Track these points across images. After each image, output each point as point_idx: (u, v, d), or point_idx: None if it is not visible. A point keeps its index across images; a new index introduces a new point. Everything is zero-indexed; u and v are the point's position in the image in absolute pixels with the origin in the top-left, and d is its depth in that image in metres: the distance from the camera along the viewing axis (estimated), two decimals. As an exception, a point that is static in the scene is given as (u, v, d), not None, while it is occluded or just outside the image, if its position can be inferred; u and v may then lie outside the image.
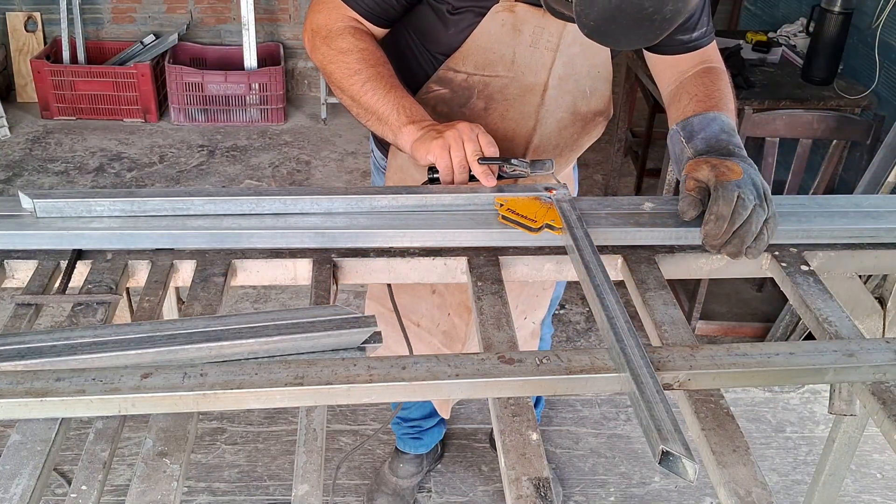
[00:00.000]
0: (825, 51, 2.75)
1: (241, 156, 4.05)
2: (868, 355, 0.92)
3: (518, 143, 1.45)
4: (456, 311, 1.60)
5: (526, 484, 0.79)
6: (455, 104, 1.42)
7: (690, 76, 1.40)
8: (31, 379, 0.82)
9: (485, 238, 1.15)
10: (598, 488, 2.30)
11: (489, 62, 1.37)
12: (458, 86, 1.40)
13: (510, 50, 1.35)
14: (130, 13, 4.50)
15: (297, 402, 0.85)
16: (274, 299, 2.98)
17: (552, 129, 1.45)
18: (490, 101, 1.40)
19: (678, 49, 1.41)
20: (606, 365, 0.88)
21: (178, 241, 1.13)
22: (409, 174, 1.45)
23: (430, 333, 1.67)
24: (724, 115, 1.26)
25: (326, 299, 1.06)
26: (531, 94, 1.40)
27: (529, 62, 1.37)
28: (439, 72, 1.40)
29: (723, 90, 1.34)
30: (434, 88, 1.42)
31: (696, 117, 1.25)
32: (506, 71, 1.37)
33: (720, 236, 1.09)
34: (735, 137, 1.22)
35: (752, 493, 0.80)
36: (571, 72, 1.40)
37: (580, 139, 1.52)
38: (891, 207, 1.25)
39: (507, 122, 1.42)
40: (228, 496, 2.22)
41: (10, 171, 3.83)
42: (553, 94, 1.40)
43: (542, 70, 1.37)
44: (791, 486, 2.34)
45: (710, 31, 1.43)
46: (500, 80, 1.38)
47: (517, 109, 1.41)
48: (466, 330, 1.61)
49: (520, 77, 1.38)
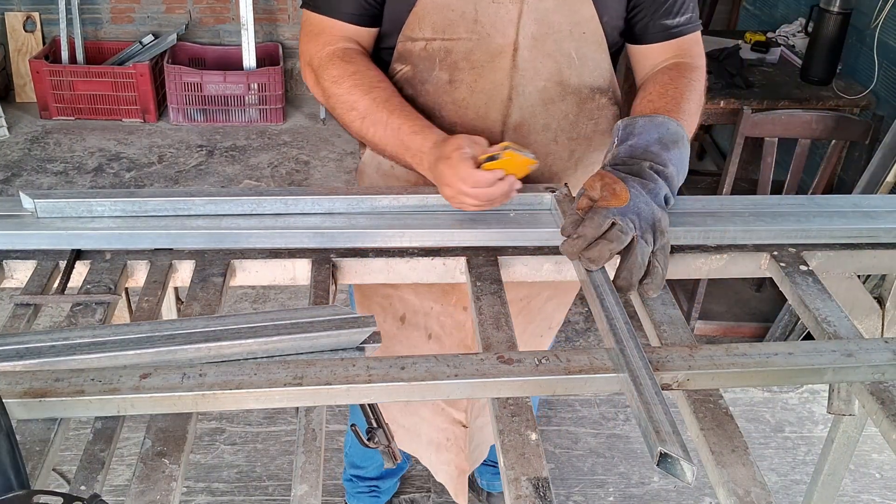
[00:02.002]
0: (824, 51, 2.75)
1: (239, 156, 4.05)
2: (867, 355, 0.92)
3: (493, 119, 1.29)
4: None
5: (525, 484, 0.79)
6: (417, 82, 1.28)
7: (657, 71, 1.30)
8: (29, 379, 0.82)
9: (484, 238, 1.15)
10: (597, 488, 2.30)
11: (449, 22, 1.22)
12: (417, 57, 1.26)
13: (471, 6, 1.21)
14: (129, 13, 4.50)
15: (297, 402, 0.85)
16: (273, 299, 2.98)
17: (534, 101, 1.29)
18: (455, 71, 1.26)
19: (660, 36, 1.30)
20: (605, 365, 0.88)
21: (177, 241, 1.13)
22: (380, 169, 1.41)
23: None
24: (673, 122, 1.14)
25: (325, 299, 1.06)
26: (501, 58, 1.24)
27: (494, 19, 1.22)
28: (397, 46, 1.27)
29: (682, 87, 1.23)
30: (397, 69, 1.30)
31: (642, 118, 1.14)
32: (468, 32, 1.23)
33: (576, 254, 1.02)
34: (671, 151, 1.11)
35: (751, 493, 0.80)
36: (548, 30, 1.24)
37: (579, 121, 1.33)
38: (889, 207, 1.25)
39: (477, 96, 1.27)
40: (227, 496, 2.22)
41: (9, 172, 3.83)
42: (527, 55, 1.25)
43: (509, 26, 1.22)
44: (790, 486, 2.34)
45: (696, 20, 1.32)
46: (464, 44, 1.24)
47: (487, 78, 1.26)
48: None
49: (485, 38, 1.23)
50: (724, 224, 1.17)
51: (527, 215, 1.19)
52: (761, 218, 1.19)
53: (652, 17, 1.28)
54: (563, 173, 1.39)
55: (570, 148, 1.36)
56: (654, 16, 1.28)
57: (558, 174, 1.38)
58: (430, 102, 1.30)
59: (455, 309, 1.48)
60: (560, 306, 1.64)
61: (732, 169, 2.51)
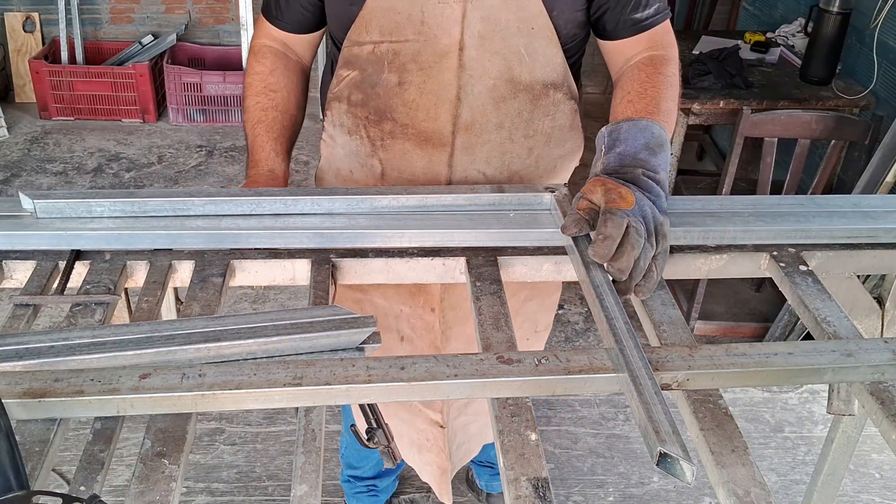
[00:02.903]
0: (823, 51, 2.75)
1: (239, 156, 4.04)
2: (866, 355, 0.92)
3: (443, 120, 1.29)
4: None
5: (525, 484, 0.79)
6: (367, 85, 1.29)
7: (632, 66, 1.28)
8: (29, 379, 0.82)
9: (483, 238, 1.15)
10: (596, 488, 2.30)
11: (396, 25, 1.23)
12: (365, 61, 1.27)
13: (417, 8, 1.21)
14: (129, 13, 4.50)
15: (296, 402, 0.85)
16: (273, 300, 2.98)
17: (485, 101, 1.28)
18: (404, 73, 1.26)
19: (631, 31, 1.28)
20: (605, 365, 0.88)
21: (177, 241, 1.13)
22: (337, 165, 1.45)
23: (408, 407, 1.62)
24: (657, 126, 1.13)
25: (325, 300, 1.06)
26: (447, 58, 1.24)
27: (440, 19, 1.22)
28: (343, 52, 1.28)
29: (659, 85, 1.22)
30: (344, 75, 1.31)
31: (626, 123, 1.13)
32: (415, 34, 1.23)
33: (609, 256, 1.00)
34: (658, 156, 1.11)
35: (751, 493, 0.80)
36: (495, 28, 1.23)
37: (534, 118, 1.32)
38: (889, 207, 1.25)
39: (426, 97, 1.28)
40: (227, 496, 2.22)
41: (9, 172, 3.83)
42: (474, 54, 1.25)
43: (454, 26, 1.22)
44: (790, 486, 2.34)
45: (664, 9, 1.30)
46: (411, 46, 1.24)
47: (435, 79, 1.26)
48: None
49: (432, 39, 1.23)
50: (723, 224, 1.17)
51: (526, 215, 1.19)
52: (761, 218, 1.19)
53: (621, 12, 1.27)
54: (524, 171, 1.38)
55: (528, 146, 1.36)
56: (622, 11, 1.27)
57: (518, 173, 1.37)
58: (381, 105, 1.31)
59: (423, 311, 1.49)
60: (543, 308, 1.64)
61: (732, 169, 2.51)
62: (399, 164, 1.35)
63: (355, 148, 1.38)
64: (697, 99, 2.61)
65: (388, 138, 1.33)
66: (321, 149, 1.47)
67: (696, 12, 4.31)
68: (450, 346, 1.53)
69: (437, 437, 1.67)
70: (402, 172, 1.36)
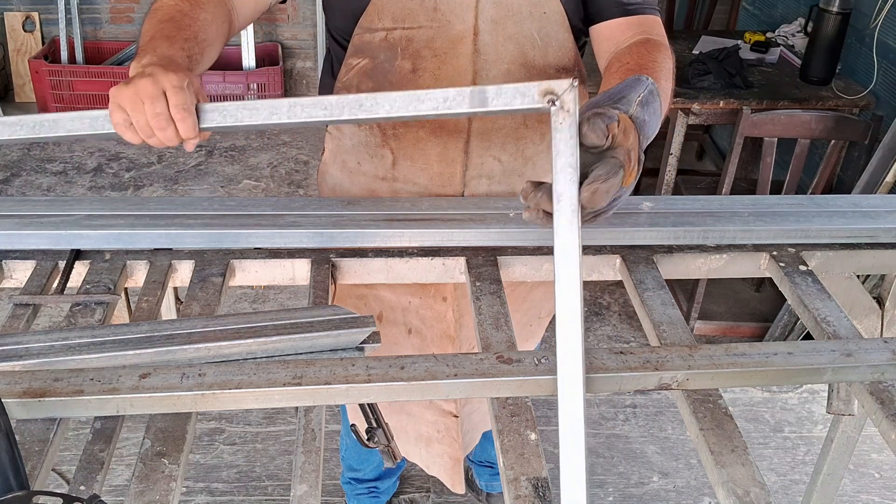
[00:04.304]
0: (823, 51, 2.75)
1: (239, 156, 4.05)
2: (866, 355, 0.92)
3: None
4: (439, 345, 1.52)
5: (525, 484, 0.79)
6: (379, 73, 1.27)
7: (625, 47, 1.24)
8: (29, 379, 0.82)
9: (483, 238, 1.15)
10: (596, 488, 2.30)
11: (409, 12, 1.22)
12: (377, 48, 1.25)
13: None
14: (129, 13, 4.49)
15: (296, 402, 0.85)
16: (272, 299, 2.98)
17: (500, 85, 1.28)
18: (418, 60, 1.25)
19: (616, 11, 1.24)
20: (604, 365, 0.88)
21: (177, 241, 1.13)
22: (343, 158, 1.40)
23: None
24: (650, 80, 1.01)
25: (325, 299, 1.06)
26: (462, 44, 1.24)
27: (453, 5, 1.22)
28: (354, 39, 1.25)
29: (659, 61, 1.16)
30: (354, 63, 1.28)
31: (618, 85, 1.01)
32: (428, 20, 1.22)
33: (600, 203, 0.86)
34: (652, 103, 0.99)
35: (751, 493, 0.80)
36: (508, 13, 1.23)
37: None
38: (889, 207, 1.25)
39: (441, 83, 1.25)
40: (227, 496, 2.22)
41: (9, 172, 3.83)
42: (488, 39, 1.24)
43: (468, 12, 1.22)
44: (789, 486, 2.34)
45: (653, 3, 1.27)
46: (425, 33, 1.23)
47: (450, 65, 1.25)
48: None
49: (446, 26, 1.23)
50: (723, 224, 1.17)
51: (526, 215, 1.19)
52: (761, 218, 1.19)
53: None
54: (537, 157, 1.37)
55: (541, 130, 1.36)
56: None
57: (531, 158, 1.37)
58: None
59: (434, 300, 1.48)
60: (549, 294, 1.64)
61: (732, 169, 2.51)
62: (412, 153, 1.34)
63: (364, 138, 1.38)
64: (697, 99, 2.61)
65: (401, 126, 1.32)
66: (326, 142, 1.45)
67: (696, 12, 4.31)
68: (463, 334, 1.53)
69: (449, 427, 1.66)
70: (414, 161, 1.35)
